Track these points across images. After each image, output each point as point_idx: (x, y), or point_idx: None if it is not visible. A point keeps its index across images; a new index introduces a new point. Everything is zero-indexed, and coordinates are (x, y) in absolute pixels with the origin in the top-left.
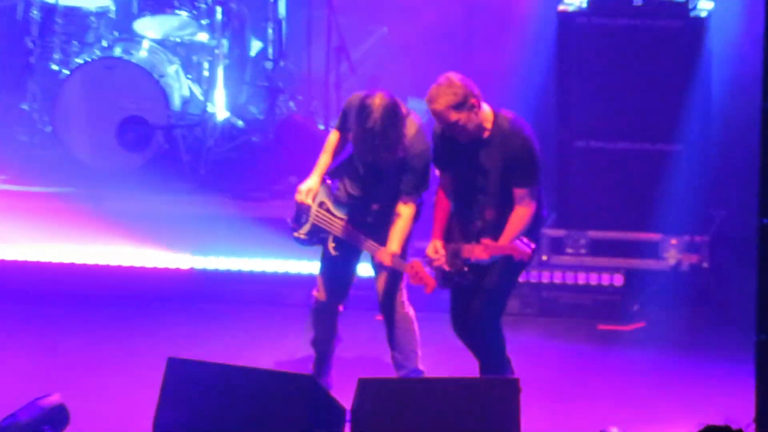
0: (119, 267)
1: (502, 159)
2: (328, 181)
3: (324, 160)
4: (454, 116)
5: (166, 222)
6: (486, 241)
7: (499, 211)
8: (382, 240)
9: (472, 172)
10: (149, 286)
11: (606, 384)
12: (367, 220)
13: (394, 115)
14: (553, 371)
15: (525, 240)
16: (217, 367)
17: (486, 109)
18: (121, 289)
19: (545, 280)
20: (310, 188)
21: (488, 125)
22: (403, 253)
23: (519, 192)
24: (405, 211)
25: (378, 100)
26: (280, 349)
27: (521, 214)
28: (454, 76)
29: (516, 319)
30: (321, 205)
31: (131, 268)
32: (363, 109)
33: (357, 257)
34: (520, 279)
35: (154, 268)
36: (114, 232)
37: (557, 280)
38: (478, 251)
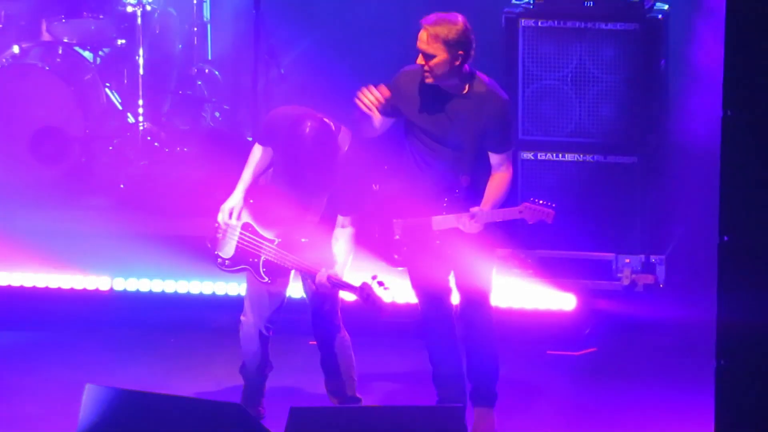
0: (33, 288)
1: (479, 122)
2: (251, 200)
3: (247, 175)
4: (431, 47)
5: (83, 240)
6: (479, 208)
7: (473, 178)
8: (318, 261)
9: (447, 134)
10: (65, 309)
11: (556, 413)
12: (300, 241)
13: (325, 144)
14: (500, 399)
15: (537, 200)
16: (138, 395)
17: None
18: (35, 312)
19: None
20: (233, 207)
21: (466, 88)
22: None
23: (496, 158)
24: (343, 234)
25: (309, 131)
26: (207, 377)
27: (500, 179)
28: (466, 24)
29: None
30: (246, 226)
31: (45, 290)
32: (293, 139)
33: (287, 279)
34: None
35: (71, 290)
36: (26, 250)
37: (502, 304)
38: (466, 221)
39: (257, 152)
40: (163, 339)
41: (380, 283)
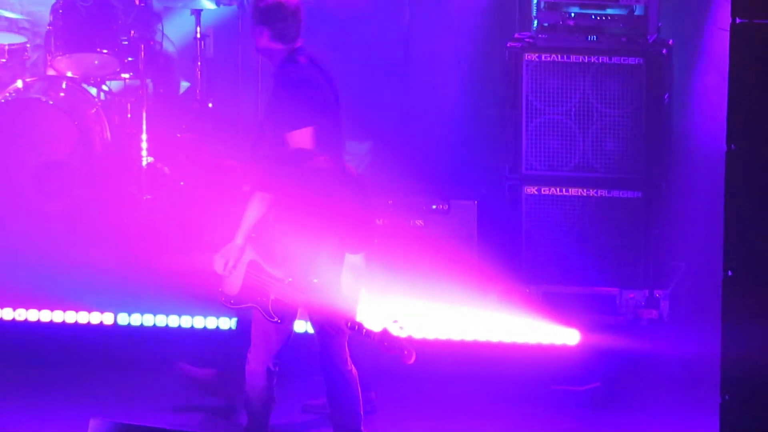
0: (37, 323)
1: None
2: (256, 236)
3: (246, 226)
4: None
5: (86, 275)
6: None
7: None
8: (332, 302)
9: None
10: (69, 344)
11: None
12: (312, 281)
13: (332, 183)
14: None
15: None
16: (144, 430)
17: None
18: (38, 347)
19: (493, 338)
20: (230, 258)
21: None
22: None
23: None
24: (354, 272)
25: (314, 172)
26: (211, 412)
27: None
28: None
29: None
30: (252, 264)
31: (50, 324)
32: (298, 181)
33: (294, 315)
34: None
35: (75, 324)
36: (29, 285)
37: (506, 338)
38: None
39: (258, 201)
40: (168, 373)
41: (401, 327)
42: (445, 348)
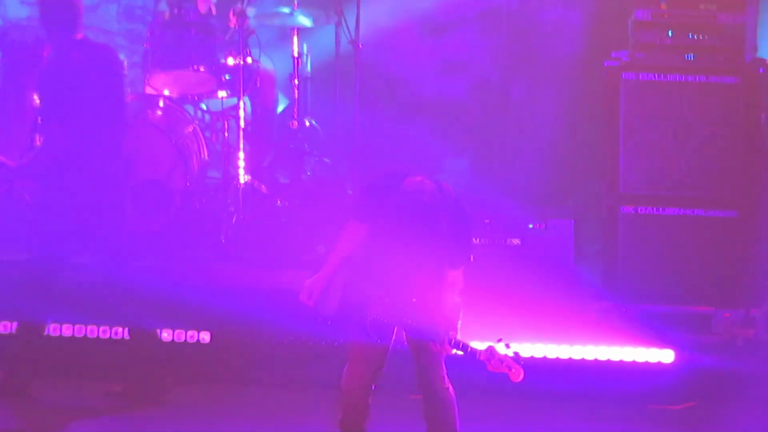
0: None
1: None
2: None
3: (335, 260)
4: None
5: (184, 292)
6: None
7: None
8: (432, 321)
9: None
10: (166, 359)
11: None
12: (411, 300)
13: (429, 203)
14: None
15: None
16: None
17: None
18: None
19: (589, 356)
20: (315, 291)
21: None
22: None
23: None
24: (454, 289)
25: (412, 194)
26: (305, 430)
27: None
28: None
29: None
30: (348, 283)
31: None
32: (398, 204)
33: (391, 333)
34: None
35: (171, 341)
36: (128, 302)
37: (601, 356)
38: None
39: (354, 230)
40: (265, 391)
41: (507, 346)
42: (542, 366)
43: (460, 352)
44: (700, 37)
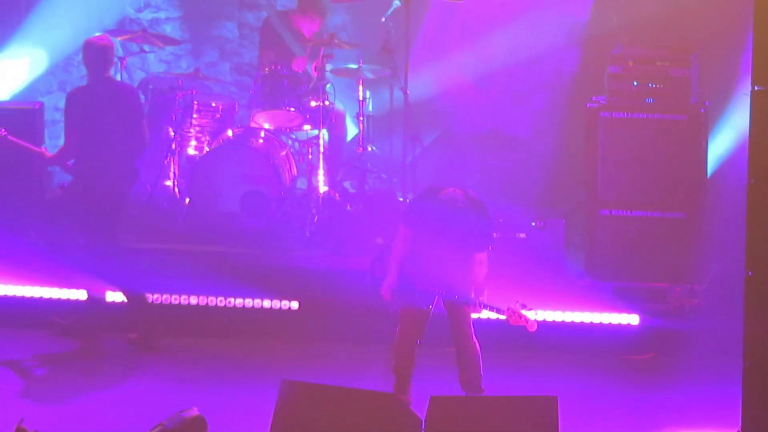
0: (243, 307)
1: None
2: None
3: (396, 259)
4: None
5: (278, 272)
6: None
7: None
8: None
9: None
10: (262, 321)
11: (626, 398)
12: (449, 275)
13: (463, 210)
14: (586, 390)
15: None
16: (324, 389)
17: None
18: (240, 325)
19: (577, 320)
20: (393, 281)
21: None
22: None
23: None
24: (481, 266)
25: (449, 204)
26: (368, 375)
27: None
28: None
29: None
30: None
31: (251, 308)
32: (437, 212)
33: (433, 301)
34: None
35: (269, 308)
36: (239, 279)
37: (586, 320)
38: None
39: (404, 234)
40: (340, 346)
41: (523, 305)
42: (542, 327)
43: (488, 312)
44: (657, 86)
